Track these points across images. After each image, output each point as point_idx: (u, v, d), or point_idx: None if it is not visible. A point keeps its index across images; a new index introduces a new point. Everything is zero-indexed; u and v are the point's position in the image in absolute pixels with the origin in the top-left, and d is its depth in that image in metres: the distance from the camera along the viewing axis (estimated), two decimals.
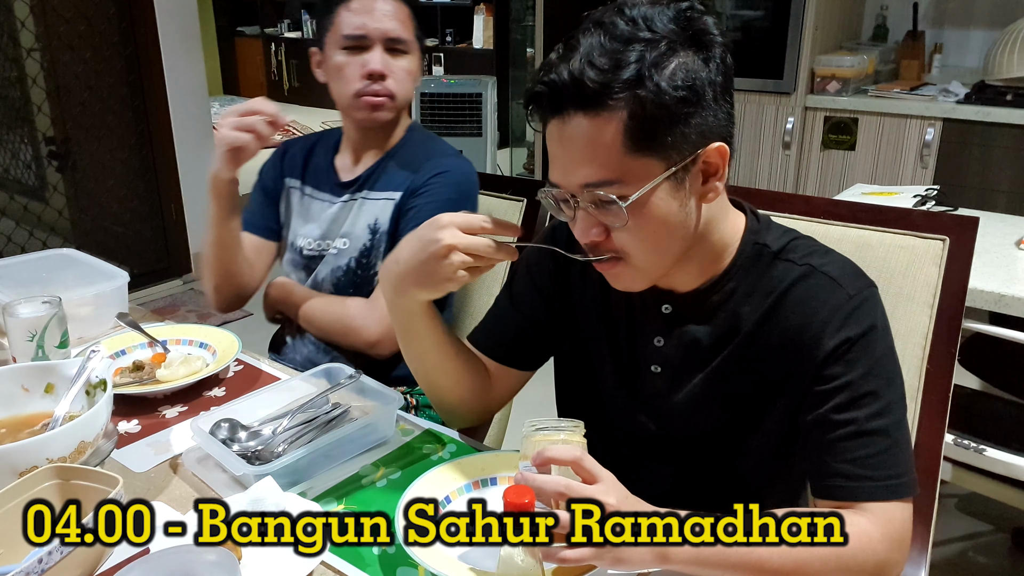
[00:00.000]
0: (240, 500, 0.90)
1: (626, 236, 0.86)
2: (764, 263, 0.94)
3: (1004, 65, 2.88)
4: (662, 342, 0.99)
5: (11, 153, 3.85)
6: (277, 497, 0.90)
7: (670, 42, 0.81)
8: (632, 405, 1.04)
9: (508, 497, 0.71)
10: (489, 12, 6.55)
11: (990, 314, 1.59)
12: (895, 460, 0.86)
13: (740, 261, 0.94)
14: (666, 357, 0.99)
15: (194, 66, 3.74)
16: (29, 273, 1.54)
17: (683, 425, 1.00)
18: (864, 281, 0.92)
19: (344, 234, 1.47)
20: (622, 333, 1.03)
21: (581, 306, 1.07)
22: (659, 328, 0.99)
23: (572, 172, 0.85)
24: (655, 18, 0.82)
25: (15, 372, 1.09)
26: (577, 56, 0.80)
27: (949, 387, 1.10)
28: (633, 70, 0.79)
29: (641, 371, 1.02)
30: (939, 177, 3.01)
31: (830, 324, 0.88)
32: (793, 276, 0.92)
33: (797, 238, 0.96)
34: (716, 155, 0.85)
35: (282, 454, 1.03)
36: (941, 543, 2.06)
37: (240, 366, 1.33)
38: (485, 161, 4.47)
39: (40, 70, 3.59)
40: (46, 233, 3.74)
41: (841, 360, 0.88)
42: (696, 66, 0.82)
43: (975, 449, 1.61)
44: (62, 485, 0.87)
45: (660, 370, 1.00)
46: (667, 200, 0.85)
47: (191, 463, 1.06)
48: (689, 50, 0.82)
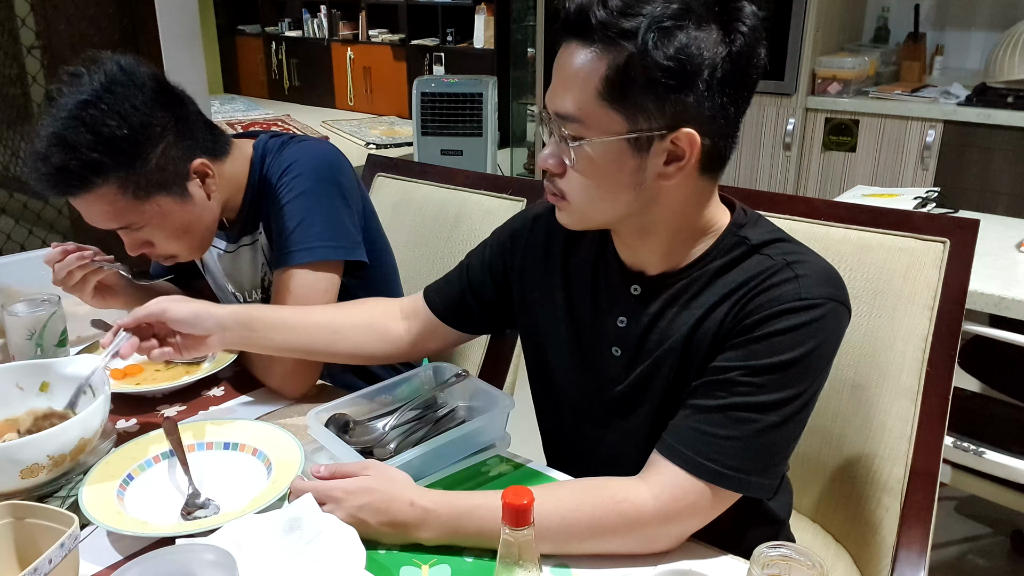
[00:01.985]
0: (277, 519, 0.87)
1: (572, 177, 0.89)
2: (740, 255, 0.92)
3: (1005, 67, 2.88)
4: (624, 323, 0.98)
5: (11, 151, 3.85)
6: (315, 517, 0.87)
7: (689, 11, 0.80)
8: (587, 384, 1.03)
9: (507, 498, 0.70)
10: (490, 12, 6.56)
11: (990, 317, 1.59)
12: (732, 452, 0.85)
13: (716, 250, 0.93)
14: (626, 338, 0.98)
15: (195, 64, 3.73)
16: (27, 271, 1.54)
17: (630, 403, 0.99)
18: (828, 292, 0.87)
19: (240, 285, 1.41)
20: (586, 313, 1.02)
21: (542, 284, 1.07)
22: (624, 308, 0.98)
23: (552, 97, 0.87)
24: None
25: (10, 371, 1.09)
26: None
27: (949, 389, 1.10)
28: (635, 23, 0.79)
29: (601, 352, 1.00)
30: (940, 179, 3.02)
31: (765, 312, 0.86)
32: (762, 268, 0.89)
33: (784, 239, 0.93)
34: (685, 140, 0.83)
35: (395, 452, 1.02)
36: (940, 546, 2.06)
37: (240, 366, 1.32)
38: (485, 161, 4.47)
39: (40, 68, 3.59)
40: (45, 231, 3.74)
41: (751, 345, 0.86)
42: (702, 46, 0.80)
43: (974, 452, 1.61)
44: (15, 524, 0.82)
45: (620, 353, 0.99)
46: (618, 161, 0.85)
47: None
48: (707, 27, 0.81)
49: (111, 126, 1.10)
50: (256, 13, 8.52)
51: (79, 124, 1.09)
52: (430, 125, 4.46)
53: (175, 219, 1.20)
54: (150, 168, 1.14)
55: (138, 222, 1.18)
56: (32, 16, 3.55)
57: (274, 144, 1.32)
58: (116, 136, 1.10)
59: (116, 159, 1.11)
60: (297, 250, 1.23)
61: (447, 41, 6.99)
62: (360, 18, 7.68)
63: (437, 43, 7.04)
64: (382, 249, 1.41)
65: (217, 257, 1.41)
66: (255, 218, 1.32)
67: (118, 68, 1.13)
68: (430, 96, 4.42)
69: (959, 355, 1.10)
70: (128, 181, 1.13)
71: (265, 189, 1.29)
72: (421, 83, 4.48)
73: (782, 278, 0.87)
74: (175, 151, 1.17)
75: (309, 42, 8.15)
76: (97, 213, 1.16)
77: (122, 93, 1.12)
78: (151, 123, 1.14)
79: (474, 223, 1.54)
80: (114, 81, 1.12)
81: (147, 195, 1.16)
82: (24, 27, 3.54)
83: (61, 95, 1.11)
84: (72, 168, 1.10)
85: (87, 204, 1.15)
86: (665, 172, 0.86)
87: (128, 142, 1.11)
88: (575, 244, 1.04)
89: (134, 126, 1.12)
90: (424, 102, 4.43)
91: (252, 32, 8.60)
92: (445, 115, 4.44)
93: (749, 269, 0.90)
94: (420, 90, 4.44)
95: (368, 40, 7.66)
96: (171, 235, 1.21)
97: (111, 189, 1.13)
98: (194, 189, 1.21)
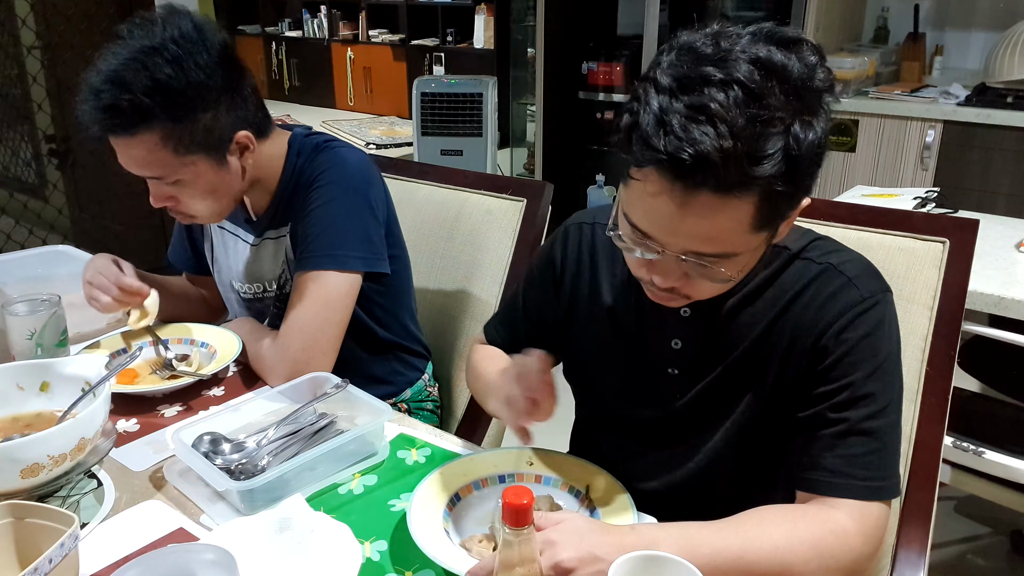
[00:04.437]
0: (269, 519, 0.88)
1: (708, 284, 0.86)
2: (783, 263, 0.94)
3: (1005, 67, 2.88)
4: (679, 344, 0.99)
5: (11, 151, 3.85)
6: (306, 516, 0.88)
7: (806, 106, 0.76)
8: (643, 402, 1.04)
9: (507, 498, 0.70)
10: (490, 12, 6.55)
11: (990, 316, 1.59)
12: (881, 463, 0.88)
13: (760, 264, 0.93)
14: (683, 359, 0.99)
15: None
16: (25, 269, 1.54)
17: (691, 420, 1.00)
18: (880, 284, 0.92)
19: (259, 277, 1.41)
20: (634, 336, 1.03)
21: (586, 311, 1.07)
22: (677, 331, 0.99)
23: (681, 239, 0.80)
24: (791, 72, 0.76)
25: (10, 370, 1.09)
26: (719, 128, 0.72)
27: (948, 389, 1.10)
28: (779, 159, 0.74)
29: (657, 373, 1.01)
30: (939, 179, 3.01)
31: (838, 323, 0.89)
32: (810, 274, 0.92)
33: (817, 239, 0.96)
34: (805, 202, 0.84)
35: (266, 468, 1.00)
36: (940, 545, 2.06)
37: (239, 366, 1.33)
38: (485, 161, 4.47)
39: (41, 68, 3.59)
40: (45, 231, 3.74)
41: (844, 360, 0.88)
42: (820, 136, 0.77)
43: (974, 451, 1.61)
44: (15, 524, 0.83)
45: (677, 372, 1.00)
46: (757, 252, 0.87)
47: (173, 476, 1.03)
48: (817, 114, 0.78)
49: (170, 76, 1.11)
50: (256, 13, 8.51)
51: (140, 67, 1.10)
52: (430, 125, 4.45)
53: (206, 181, 1.21)
54: (197, 128, 1.16)
55: (170, 176, 1.19)
56: (32, 16, 3.54)
57: (308, 144, 1.33)
58: (173, 87, 1.11)
59: (167, 110, 1.12)
60: (321, 256, 1.25)
61: (447, 41, 6.98)
62: (360, 18, 7.67)
63: (437, 43, 7.03)
64: (401, 256, 1.43)
65: (237, 250, 1.42)
66: (284, 215, 1.33)
67: (192, 26, 1.14)
68: (430, 96, 4.42)
69: (959, 355, 1.10)
70: (172, 134, 1.14)
71: (297, 190, 1.30)
72: (421, 83, 4.47)
73: (838, 284, 0.91)
74: (225, 118, 1.19)
75: (309, 42, 8.15)
76: (132, 157, 1.17)
77: (189, 49, 1.13)
78: (209, 85, 1.15)
79: (474, 223, 1.54)
80: (185, 36, 1.13)
81: (187, 152, 1.17)
82: (24, 27, 3.53)
83: (131, 36, 1.12)
84: (122, 108, 1.10)
85: (126, 146, 1.15)
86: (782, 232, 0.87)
87: (183, 96, 1.13)
88: (612, 264, 1.04)
89: (192, 83, 1.13)
90: (424, 102, 4.42)
91: (252, 32, 8.59)
92: (445, 115, 4.44)
93: (798, 277, 0.93)
94: (420, 90, 4.44)
95: (368, 40, 7.66)
96: (198, 195, 1.23)
97: (154, 137, 1.14)
98: (232, 159, 1.23)
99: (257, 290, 1.41)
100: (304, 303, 1.24)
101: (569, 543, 0.78)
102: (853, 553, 0.85)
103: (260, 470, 0.99)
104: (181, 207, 1.25)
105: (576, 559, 0.77)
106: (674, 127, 0.73)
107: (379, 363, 1.43)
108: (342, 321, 1.26)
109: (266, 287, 1.40)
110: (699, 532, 0.84)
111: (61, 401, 1.07)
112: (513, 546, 0.72)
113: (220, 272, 1.47)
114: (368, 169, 1.33)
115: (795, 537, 0.83)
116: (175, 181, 1.20)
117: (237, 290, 1.44)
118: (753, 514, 0.87)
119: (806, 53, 0.79)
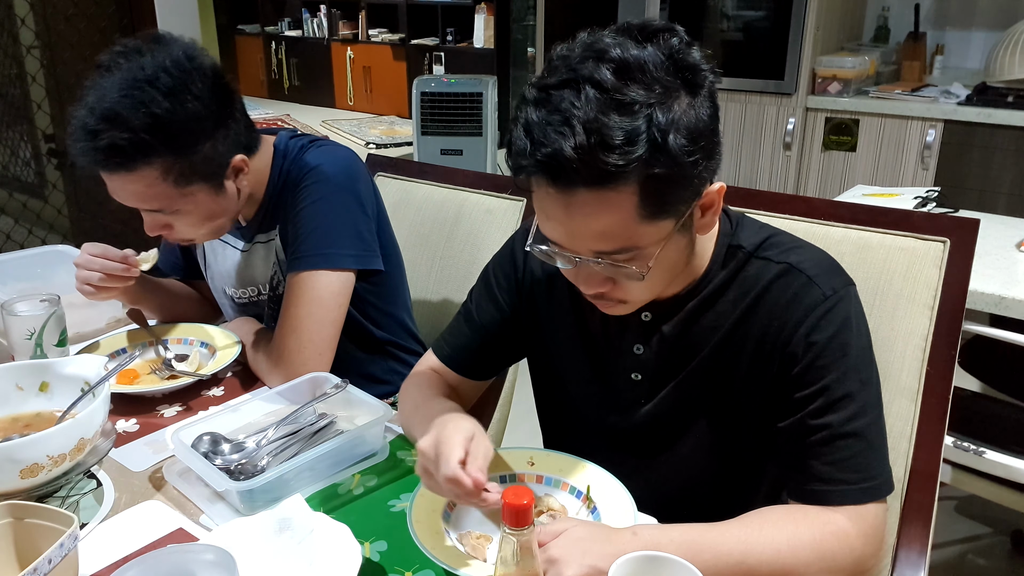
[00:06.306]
0: (269, 519, 0.88)
1: (634, 285, 0.86)
2: (739, 263, 0.94)
3: (1005, 67, 2.88)
4: (641, 350, 0.99)
5: (10, 150, 3.85)
6: (306, 516, 0.88)
7: (668, 91, 0.77)
8: (608, 409, 1.04)
9: (507, 498, 0.70)
10: (490, 11, 6.55)
11: (990, 316, 1.59)
12: (870, 462, 0.87)
13: (715, 264, 0.94)
14: (646, 364, 0.99)
15: None
16: (24, 269, 1.54)
17: (659, 425, 1.00)
18: (841, 279, 0.91)
19: (251, 281, 1.40)
20: (599, 341, 1.03)
21: (549, 315, 1.07)
22: (638, 336, 0.99)
23: (580, 240, 0.82)
24: (647, 63, 0.77)
25: (10, 371, 1.09)
26: (573, 125, 0.74)
27: (949, 389, 1.10)
28: (645, 143, 0.75)
29: (620, 378, 1.01)
30: (940, 179, 3.02)
31: (804, 326, 0.88)
32: (770, 275, 0.92)
33: (773, 235, 0.95)
34: (716, 194, 0.85)
35: (266, 468, 1.00)
36: (940, 545, 2.05)
37: (239, 366, 1.32)
38: (485, 161, 4.47)
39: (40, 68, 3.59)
40: (45, 231, 3.74)
41: (816, 364, 0.88)
42: (696, 116, 0.79)
43: (975, 451, 1.61)
44: (15, 524, 0.83)
45: (640, 377, 1.00)
46: (675, 246, 0.86)
47: (172, 477, 1.02)
48: (685, 96, 0.78)
49: (168, 110, 1.08)
50: (256, 13, 8.51)
51: (135, 102, 1.07)
52: (430, 125, 4.45)
53: (204, 209, 1.20)
54: (197, 159, 1.14)
55: (169, 207, 1.17)
56: (32, 16, 3.54)
57: (294, 145, 1.32)
58: (172, 121, 1.09)
59: (168, 144, 1.10)
60: (312, 256, 1.24)
61: (447, 41, 6.98)
62: (360, 18, 7.67)
63: (437, 43, 7.03)
64: (393, 254, 1.42)
65: (226, 256, 1.41)
66: (272, 219, 1.32)
67: (183, 54, 1.11)
68: (430, 96, 4.42)
69: (959, 355, 1.10)
70: (172, 168, 1.12)
71: (284, 191, 1.29)
72: (421, 83, 4.47)
73: (799, 284, 0.90)
74: (222, 145, 1.17)
75: (309, 42, 8.15)
76: (131, 193, 1.14)
77: (183, 79, 1.10)
78: (206, 115, 1.13)
79: (474, 223, 1.53)
80: (176, 64, 1.10)
81: (187, 183, 1.15)
82: (24, 27, 3.53)
83: (116, 67, 1.09)
84: (122, 147, 1.07)
85: (123, 182, 1.13)
86: (702, 224, 0.88)
87: (183, 129, 1.10)
88: None
89: (191, 115, 1.10)
90: (424, 102, 4.42)
91: (252, 32, 8.60)
92: (445, 115, 4.43)
93: (757, 277, 0.92)
94: (420, 90, 4.43)
95: (368, 40, 7.66)
96: (196, 223, 1.21)
97: (154, 172, 1.11)
98: (228, 183, 1.21)
99: (251, 294, 1.41)
100: (298, 304, 1.23)
101: (572, 559, 0.78)
102: (854, 554, 0.85)
103: (260, 470, 0.99)
104: (176, 234, 1.23)
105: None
106: (535, 134, 0.77)
107: (376, 362, 1.43)
108: (337, 320, 1.26)
109: (259, 290, 1.40)
110: (701, 535, 0.84)
111: (60, 401, 1.07)
112: (513, 546, 0.72)
113: (213, 279, 1.46)
114: (355, 165, 1.32)
115: (797, 540, 0.83)
116: (171, 212, 1.18)
117: (230, 296, 1.43)
118: (755, 516, 0.87)
119: (669, 39, 0.80)
